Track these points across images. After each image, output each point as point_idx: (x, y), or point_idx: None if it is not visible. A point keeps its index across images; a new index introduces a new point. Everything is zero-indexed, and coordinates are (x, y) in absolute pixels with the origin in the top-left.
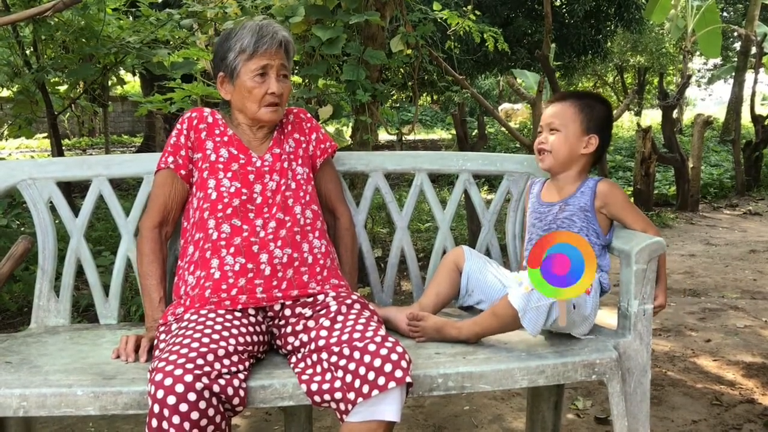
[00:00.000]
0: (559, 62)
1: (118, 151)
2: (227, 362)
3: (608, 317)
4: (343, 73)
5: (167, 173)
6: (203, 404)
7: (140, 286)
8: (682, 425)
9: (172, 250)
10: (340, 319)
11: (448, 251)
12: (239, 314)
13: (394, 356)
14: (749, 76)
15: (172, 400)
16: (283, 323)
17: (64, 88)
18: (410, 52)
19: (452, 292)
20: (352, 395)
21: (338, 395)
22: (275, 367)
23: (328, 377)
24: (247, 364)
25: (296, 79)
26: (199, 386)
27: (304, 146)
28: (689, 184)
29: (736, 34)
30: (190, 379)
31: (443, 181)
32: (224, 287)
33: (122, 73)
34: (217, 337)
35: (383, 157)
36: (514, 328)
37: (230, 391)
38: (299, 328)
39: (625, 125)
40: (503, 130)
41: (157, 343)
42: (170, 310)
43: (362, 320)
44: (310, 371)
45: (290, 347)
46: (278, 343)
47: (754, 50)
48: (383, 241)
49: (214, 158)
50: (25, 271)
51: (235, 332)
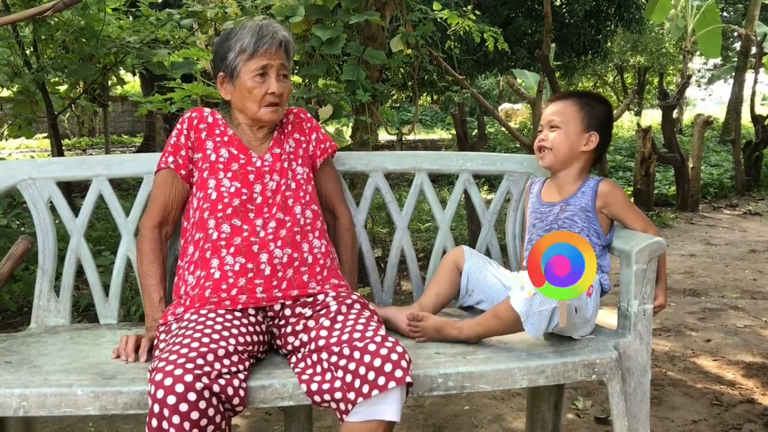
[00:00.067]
0: (559, 62)
1: (118, 151)
2: (227, 362)
3: (608, 317)
4: (343, 73)
5: (167, 173)
6: (203, 404)
7: (140, 285)
8: (682, 425)
9: (172, 250)
10: (340, 319)
11: (448, 251)
12: (239, 314)
13: (394, 356)
14: (749, 76)
15: (172, 399)
16: (283, 323)
17: (64, 88)
18: (410, 52)
19: (452, 292)
20: (352, 395)
21: (338, 395)
22: (275, 367)
23: (328, 377)
24: (247, 364)
25: (296, 79)
26: (199, 386)
27: (304, 146)
28: (689, 184)
29: (736, 34)
30: (190, 379)
31: (443, 181)
32: (224, 287)
33: (122, 73)
34: (217, 337)
35: (383, 157)
36: (515, 330)
37: (230, 391)
38: (299, 328)
39: (625, 125)
40: (503, 130)
41: (157, 342)
42: (170, 309)
43: (362, 320)
44: (310, 371)
45: (290, 347)
46: (278, 343)
47: (754, 50)
48: (383, 241)
49: (214, 158)
50: (25, 271)
51: (235, 332)
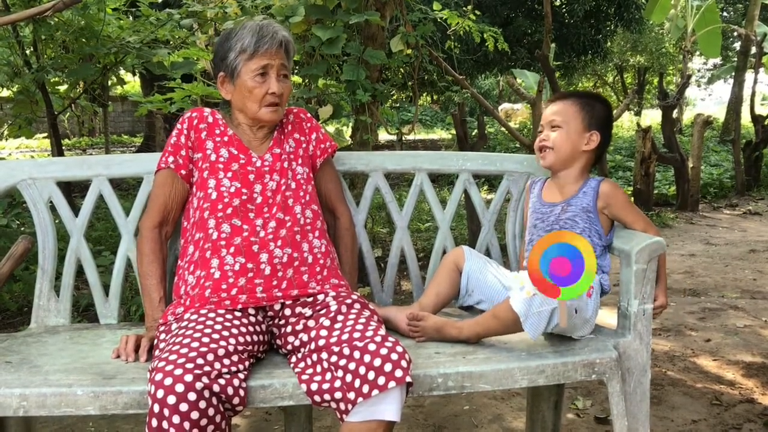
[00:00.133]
0: (559, 62)
1: (118, 151)
2: (227, 362)
3: (608, 317)
4: (343, 73)
5: (167, 173)
6: (203, 404)
7: (140, 285)
8: (681, 425)
9: (172, 249)
10: (340, 318)
11: (448, 251)
12: (239, 314)
13: (394, 356)
14: (749, 76)
15: (172, 399)
16: (283, 323)
17: (64, 88)
18: (410, 52)
19: (452, 292)
20: (352, 395)
21: (338, 395)
22: (275, 366)
23: (328, 377)
24: (247, 363)
25: (296, 79)
26: (199, 386)
27: (304, 146)
28: (689, 183)
29: (736, 33)
30: (190, 378)
31: (443, 181)
32: (224, 287)
33: (122, 73)
34: (217, 336)
35: (383, 156)
36: (515, 331)
37: (230, 390)
38: (299, 327)
39: (625, 125)
40: (503, 130)
41: (157, 342)
42: (170, 309)
43: (362, 320)
44: (310, 371)
45: (290, 347)
46: (278, 342)
47: (753, 50)
48: (383, 240)
49: (214, 158)
50: (25, 270)
51: (235, 332)
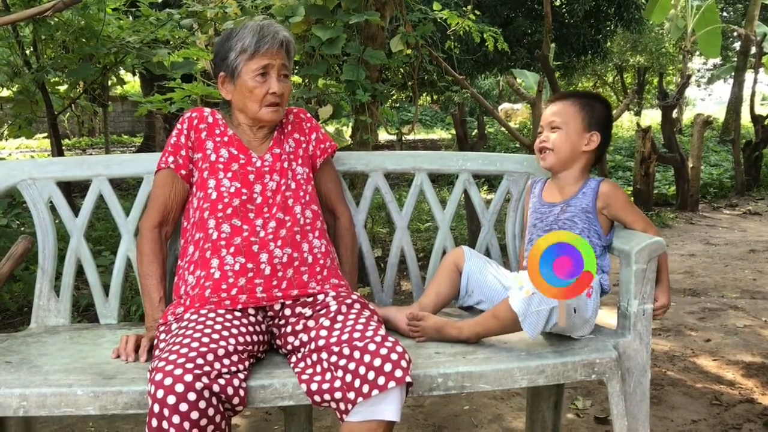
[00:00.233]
0: (558, 62)
1: (118, 151)
2: (227, 362)
3: (608, 317)
4: (343, 73)
5: (167, 173)
6: (203, 404)
7: (140, 285)
8: (681, 425)
9: (172, 249)
10: (340, 318)
11: (448, 251)
12: (239, 314)
13: (393, 356)
14: (749, 76)
15: (172, 399)
16: (283, 323)
17: (64, 88)
18: (410, 52)
19: (452, 292)
20: (352, 395)
21: (338, 395)
22: (275, 366)
23: (328, 377)
24: (247, 363)
25: (296, 79)
26: (199, 386)
27: (304, 146)
28: (689, 183)
29: (735, 34)
30: (190, 378)
31: (443, 181)
32: (224, 287)
33: (122, 73)
34: (217, 336)
35: (383, 156)
36: (514, 330)
37: (230, 390)
38: (299, 327)
39: (624, 125)
40: (503, 130)
41: (157, 342)
42: (170, 309)
43: (362, 320)
44: (310, 371)
45: (290, 347)
46: (278, 342)
47: (753, 50)
48: (383, 240)
49: (214, 158)
50: (25, 270)
51: (235, 332)
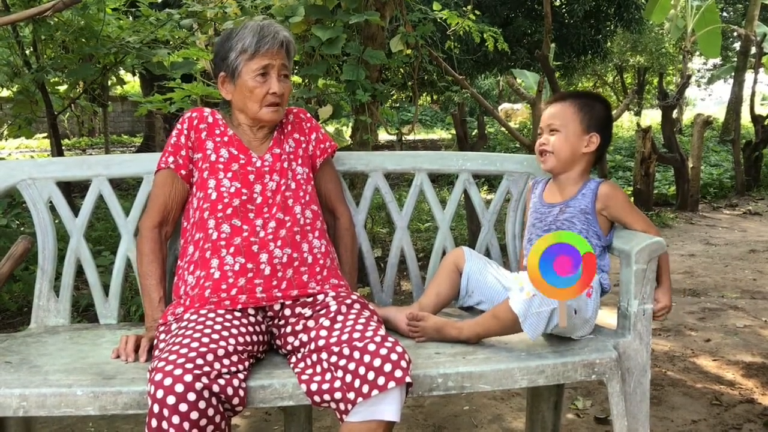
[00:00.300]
0: (558, 62)
1: (117, 151)
2: (227, 362)
3: (608, 317)
4: (342, 73)
5: (167, 173)
6: (203, 404)
7: (140, 285)
8: (681, 425)
9: (171, 250)
10: (339, 318)
11: (447, 251)
12: (239, 314)
13: (393, 356)
14: (749, 76)
15: (171, 399)
16: (282, 323)
17: (63, 88)
18: (410, 52)
19: (452, 292)
20: (351, 395)
21: (338, 395)
22: (275, 367)
23: (327, 377)
24: (246, 364)
25: (296, 79)
26: (198, 386)
27: (303, 146)
28: (689, 184)
29: (735, 34)
30: (189, 379)
31: (443, 181)
32: (224, 287)
33: (122, 73)
34: (216, 337)
35: (383, 157)
36: (514, 331)
37: (230, 390)
38: (299, 328)
39: (624, 125)
40: (503, 130)
41: (156, 342)
42: (170, 309)
43: (362, 320)
44: (309, 371)
45: (290, 347)
46: (278, 343)
47: (753, 50)
48: (383, 241)
49: (214, 158)
50: (24, 271)
51: (234, 332)
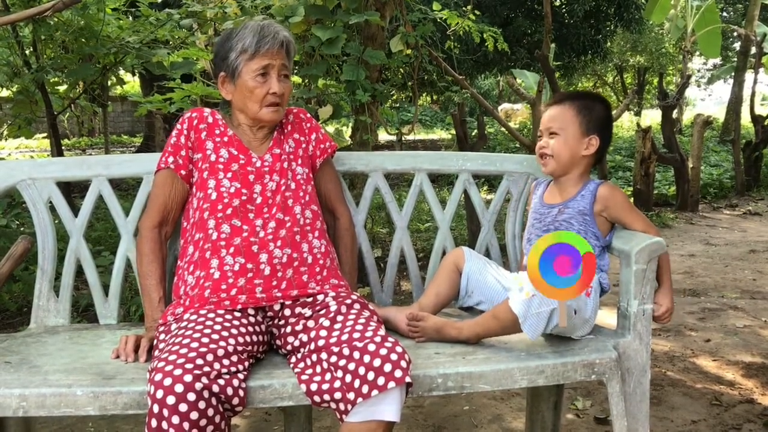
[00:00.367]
0: (558, 62)
1: (117, 151)
2: (227, 362)
3: (608, 317)
4: (342, 73)
5: (167, 173)
6: (203, 404)
7: (140, 286)
8: (681, 425)
9: (171, 250)
10: (339, 319)
11: (447, 251)
12: (239, 314)
13: (393, 356)
14: (749, 76)
15: (171, 400)
16: (282, 323)
17: (63, 88)
18: (410, 52)
19: (452, 292)
20: (351, 395)
21: (338, 395)
22: (275, 367)
23: (327, 377)
24: (246, 364)
25: (296, 79)
26: (198, 386)
27: (303, 146)
28: (689, 184)
29: (735, 34)
30: (189, 379)
31: (443, 181)
32: (224, 287)
33: (122, 73)
34: (216, 337)
35: (383, 157)
36: (514, 331)
37: (230, 391)
38: (299, 328)
39: (624, 125)
40: (503, 130)
41: (156, 343)
42: (170, 310)
43: (362, 320)
44: (309, 371)
45: (290, 347)
46: (278, 343)
47: (753, 50)
48: (383, 241)
49: (214, 158)
50: (24, 271)
51: (234, 332)
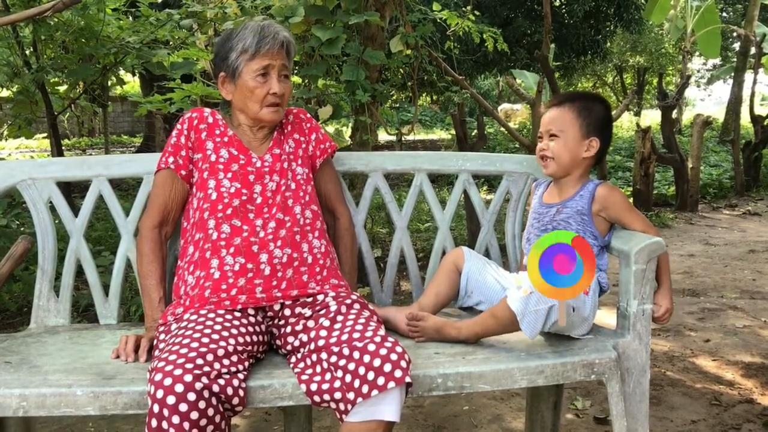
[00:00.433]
0: (558, 62)
1: (117, 151)
2: (227, 362)
3: (607, 317)
4: (342, 73)
5: (167, 173)
6: (203, 404)
7: (140, 286)
8: (681, 425)
9: (171, 250)
10: (339, 319)
11: (447, 251)
12: (239, 314)
13: (393, 356)
14: (748, 76)
15: (171, 399)
16: (282, 323)
17: (63, 88)
18: (410, 52)
19: (452, 292)
20: (351, 395)
21: (338, 395)
22: (275, 367)
23: (327, 377)
24: (246, 364)
25: (296, 79)
26: (198, 386)
27: (303, 146)
28: (688, 184)
29: (735, 34)
30: (189, 379)
31: (443, 181)
32: (224, 287)
33: (122, 73)
34: (216, 337)
35: (383, 157)
36: (513, 330)
37: (230, 390)
38: (299, 328)
39: (624, 125)
40: (503, 130)
41: (156, 343)
42: (170, 310)
43: (362, 320)
44: (309, 371)
45: (290, 347)
46: (278, 343)
47: (753, 50)
48: (383, 241)
49: (214, 159)
50: (24, 271)
51: (234, 332)
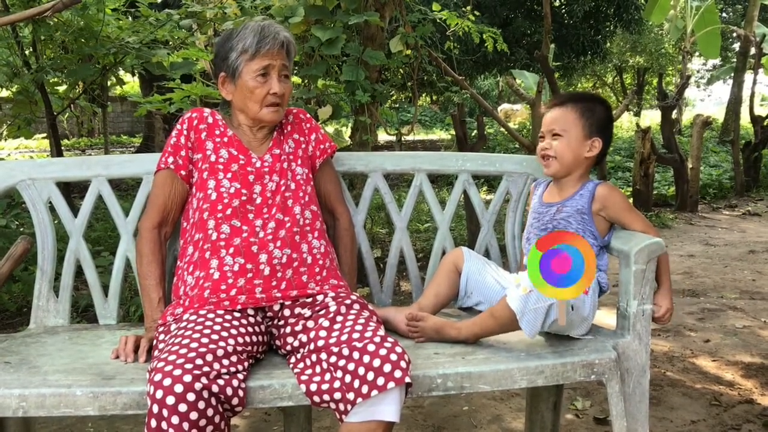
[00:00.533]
0: (558, 63)
1: (117, 151)
2: (226, 362)
3: (607, 317)
4: (342, 73)
5: (167, 173)
6: (202, 404)
7: (139, 286)
8: (681, 425)
9: (171, 250)
10: (339, 319)
11: (447, 252)
12: (238, 314)
13: (393, 356)
14: (748, 76)
15: (171, 400)
16: (282, 323)
17: (63, 88)
18: (409, 52)
19: (451, 293)
20: (351, 395)
21: (337, 395)
22: (274, 367)
23: (327, 377)
24: (246, 364)
25: (296, 79)
26: (198, 386)
27: (303, 147)
28: (688, 184)
29: (735, 34)
30: (189, 379)
31: (442, 181)
32: (223, 287)
33: (121, 73)
34: (216, 337)
35: (382, 157)
36: (512, 329)
37: (229, 391)
38: (298, 328)
39: (624, 126)
40: (502, 130)
41: (156, 343)
42: (169, 310)
43: (361, 320)
44: (309, 371)
45: (289, 347)
46: (277, 343)
47: (753, 51)
48: (382, 241)
49: (214, 159)
50: (24, 271)
51: (234, 332)
